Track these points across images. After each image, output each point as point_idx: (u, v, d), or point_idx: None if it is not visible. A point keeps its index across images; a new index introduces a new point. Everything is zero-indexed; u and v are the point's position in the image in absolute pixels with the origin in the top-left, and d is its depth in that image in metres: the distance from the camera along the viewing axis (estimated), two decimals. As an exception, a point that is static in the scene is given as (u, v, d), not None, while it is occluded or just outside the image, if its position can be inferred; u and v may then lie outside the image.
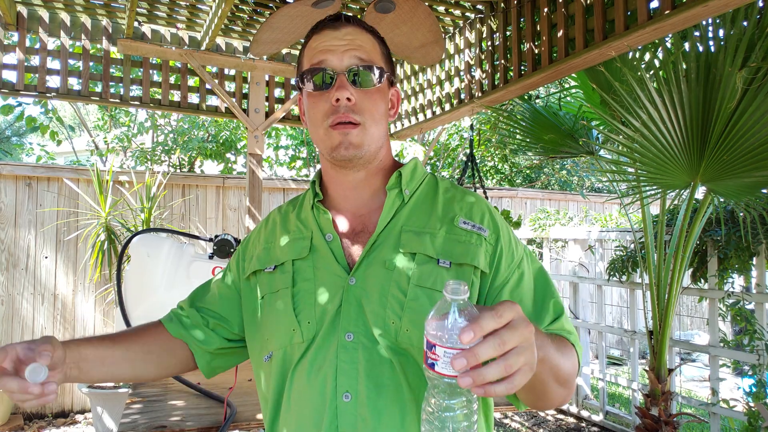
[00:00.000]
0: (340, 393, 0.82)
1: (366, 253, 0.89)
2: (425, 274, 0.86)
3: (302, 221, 0.98)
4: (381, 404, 0.82)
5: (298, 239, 0.96)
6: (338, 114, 0.88)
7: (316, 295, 0.89)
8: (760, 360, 2.91)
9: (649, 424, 2.88)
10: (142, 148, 6.53)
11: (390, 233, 0.90)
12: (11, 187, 4.18)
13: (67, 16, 3.10)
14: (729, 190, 2.44)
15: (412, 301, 0.84)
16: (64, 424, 4.08)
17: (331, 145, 0.90)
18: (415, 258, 0.87)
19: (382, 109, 0.93)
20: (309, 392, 0.84)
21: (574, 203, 6.63)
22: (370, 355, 0.83)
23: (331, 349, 0.84)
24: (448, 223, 0.91)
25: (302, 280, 0.91)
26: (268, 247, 0.99)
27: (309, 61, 0.93)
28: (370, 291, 0.86)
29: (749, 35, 2.13)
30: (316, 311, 0.87)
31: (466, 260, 0.87)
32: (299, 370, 0.86)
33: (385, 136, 0.95)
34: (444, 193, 0.96)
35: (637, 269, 3.73)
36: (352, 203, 0.97)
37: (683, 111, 2.30)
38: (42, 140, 8.96)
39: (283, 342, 0.89)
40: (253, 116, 3.52)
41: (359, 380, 0.83)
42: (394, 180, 0.94)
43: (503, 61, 2.83)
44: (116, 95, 3.26)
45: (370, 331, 0.84)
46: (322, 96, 0.91)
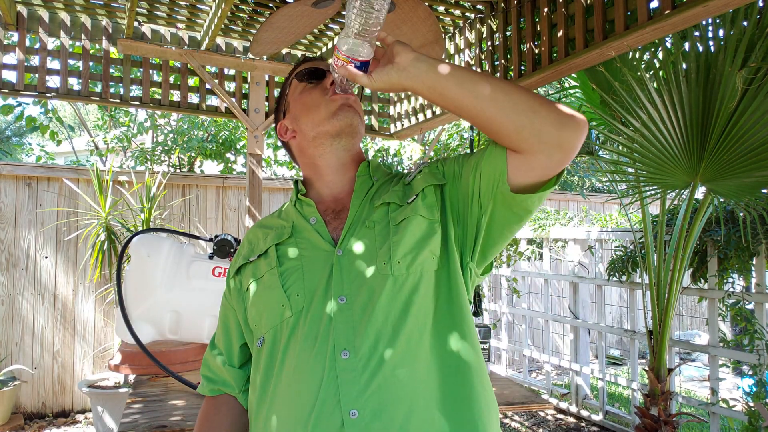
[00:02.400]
0: (337, 352, 0.84)
1: (348, 225, 0.96)
2: (399, 213, 0.94)
3: (282, 218, 1.06)
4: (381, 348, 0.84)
5: (280, 230, 1.02)
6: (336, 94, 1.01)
7: (304, 270, 0.93)
8: (760, 360, 2.91)
9: (649, 423, 2.88)
10: (141, 148, 6.53)
11: (363, 204, 1.00)
12: (11, 187, 4.18)
13: (67, 16, 3.10)
14: (729, 190, 2.44)
15: (396, 234, 0.91)
16: (65, 424, 4.09)
17: (335, 108, 1.02)
18: (389, 206, 0.96)
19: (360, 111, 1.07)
20: (305, 363, 0.86)
21: (574, 203, 6.63)
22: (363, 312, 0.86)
23: (325, 316, 0.87)
24: (401, 184, 1.02)
25: (288, 260, 0.96)
26: (251, 247, 1.05)
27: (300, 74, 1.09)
28: (358, 252, 0.92)
29: (749, 35, 2.13)
30: (306, 284, 0.91)
31: (423, 185, 0.96)
32: (292, 345, 0.89)
33: None
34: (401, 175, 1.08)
35: (636, 269, 3.73)
36: (332, 188, 1.05)
37: (683, 111, 2.30)
38: (42, 140, 8.96)
39: (273, 321, 0.92)
40: (253, 116, 3.52)
41: (355, 336, 0.85)
42: (364, 168, 1.05)
43: (503, 61, 2.83)
44: (116, 95, 3.26)
45: (363, 289, 0.88)
46: (317, 85, 1.05)
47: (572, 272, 4.64)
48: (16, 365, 4.10)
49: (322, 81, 1.05)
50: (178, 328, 2.07)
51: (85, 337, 4.33)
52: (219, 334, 1.09)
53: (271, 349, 0.92)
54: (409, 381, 0.83)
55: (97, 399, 3.63)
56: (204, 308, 1.98)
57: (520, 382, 4.71)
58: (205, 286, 2.03)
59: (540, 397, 3.63)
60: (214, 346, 1.09)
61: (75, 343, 4.30)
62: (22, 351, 4.16)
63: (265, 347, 0.94)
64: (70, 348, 4.29)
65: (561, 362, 4.50)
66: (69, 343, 4.29)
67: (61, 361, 4.26)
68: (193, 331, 2.00)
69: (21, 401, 4.14)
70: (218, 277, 2.03)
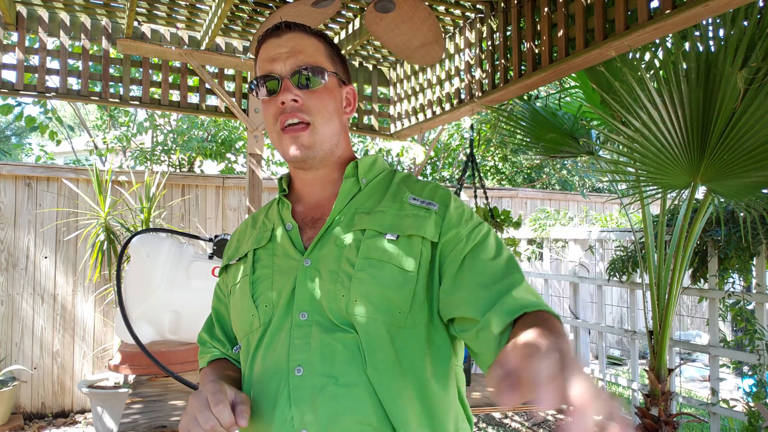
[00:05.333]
0: (292, 368, 0.84)
1: (320, 236, 0.92)
2: (373, 246, 0.88)
3: (268, 217, 1.03)
4: (336, 370, 0.83)
5: (262, 232, 1.00)
6: (285, 114, 0.92)
7: (273, 280, 0.92)
8: (760, 360, 2.90)
9: (649, 424, 2.88)
10: (141, 148, 6.52)
11: (344, 216, 0.94)
12: (11, 187, 4.18)
13: (66, 16, 3.10)
14: (729, 190, 2.43)
15: (359, 271, 0.86)
16: (64, 424, 4.08)
17: (284, 150, 0.95)
18: (365, 233, 0.90)
19: (331, 107, 0.96)
20: (265, 375, 0.87)
21: (575, 203, 6.62)
22: (323, 329, 0.85)
23: (285, 329, 0.87)
24: (398, 202, 0.94)
25: (261, 268, 0.94)
26: (238, 245, 1.05)
27: (259, 70, 0.98)
28: (322, 269, 0.89)
29: (749, 35, 2.12)
30: (273, 295, 0.90)
31: (413, 231, 0.89)
32: (257, 356, 0.90)
33: (340, 133, 0.99)
34: (398, 179, 1.00)
35: (637, 269, 3.73)
36: (314, 197, 1.01)
37: (683, 111, 2.30)
38: (41, 140, 8.95)
39: (245, 330, 0.93)
40: (253, 116, 3.52)
41: (311, 353, 0.84)
42: (351, 169, 0.98)
43: (503, 60, 2.83)
44: (116, 95, 3.26)
45: (322, 308, 0.86)
46: (271, 101, 0.95)
47: (572, 272, 4.64)
48: (16, 365, 4.10)
49: (276, 95, 0.94)
50: (177, 328, 2.07)
51: (85, 337, 4.33)
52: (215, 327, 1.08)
53: (245, 357, 0.94)
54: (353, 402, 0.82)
55: (97, 399, 3.62)
56: (204, 308, 1.97)
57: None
58: (204, 286, 2.03)
59: (540, 397, 3.63)
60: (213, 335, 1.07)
61: (74, 344, 4.30)
62: (22, 351, 4.16)
63: (241, 353, 0.96)
64: (70, 348, 4.29)
65: (561, 362, 4.49)
66: (68, 344, 4.28)
67: (60, 362, 4.25)
68: (193, 331, 2.00)
69: (20, 401, 4.14)
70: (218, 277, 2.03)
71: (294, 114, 0.92)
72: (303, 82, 0.93)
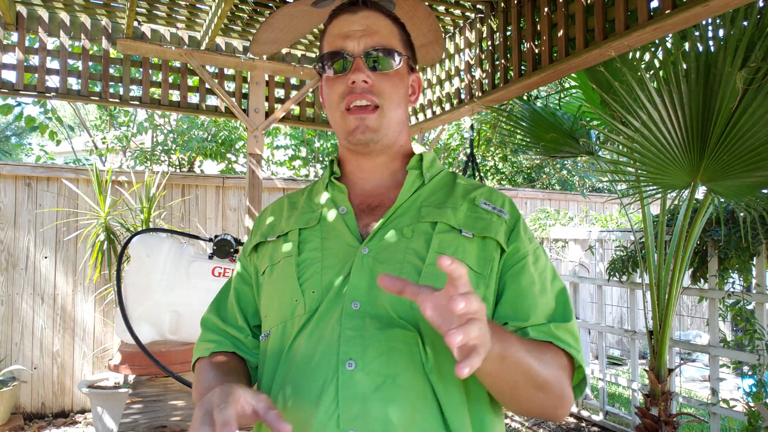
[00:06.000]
0: (342, 362, 0.76)
1: (382, 224, 0.86)
2: (447, 241, 0.83)
3: (311, 199, 0.96)
4: (394, 369, 0.75)
5: (307, 212, 0.93)
6: (354, 94, 0.88)
7: (323, 264, 0.85)
8: (760, 360, 2.91)
9: (649, 424, 2.88)
10: (141, 148, 6.52)
11: (409, 207, 0.89)
12: (11, 187, 4.18)
13: (66, 16, 3.10)
14: (729, 190, 2.43)
15: (431, 266, 0.81)
16: (64, 424, 4.08)
17: (347, 129, 0.89)
18: (436, 227, 0.85)
19: (401, 93, 0.92)
20: (307, 365, 0.78)
21: (575, 203, 6.62)
22: (378, 322, 0.78)
23: (334, 317, 0.79)
24: (469, 201, 0.90)
25: (309, 250, 0.87)
26: (273, 223, 0.96)
27: (327, 46, 0.93)
28: (383, 259, 0.82)
29: (749, 35, 2.12)
30: (323, 280, 0.83)
31: (489, 233, 0.85)
32: (296, 345, 0.81)
33: (404, 121, 0.95)
34: (463, 180, 0.97)
35: (637, 269, 3.73)
36: (369, 183, 0.95)
37: (683, 111, 2.30)
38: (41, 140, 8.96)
39: (284, 315, 0.84)
40: (253, 116, 3.52)
41: (365, 346, 0.76)
42: (416, 162, 0.94)
43: (503, 60, 2.83)
44: (116, 95, 3.26)
45: (381, 300, 0.79)
46: (339, 79, 0.90)
47: (572, 272, 4.64)
48: (16, 365, 4.10)
49: (346, 74, 0.90)
50: (177, 328, 2.07)
51: (85, 337, 4.33)
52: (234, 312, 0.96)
53: (277, 347, 0.84)
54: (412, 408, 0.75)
55: (97, 399, 3.62)
56: (204, 308, 1.98)
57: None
58: (204, 286, 2.03)
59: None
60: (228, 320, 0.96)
61: (74, 344, 4.30)
62: (22, 351, 4.16)
63: (270, 342, 0.86)
64: (70, 348, 4.29)
65: (561, 362, 4.50)
66: (68, 344, 4.28)
67: (60, 362, 4.25)
68: (193, 331, 2.00)
69: (20, 401, 4.14)
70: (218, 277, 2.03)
71: (363, 95, 0.88)
72: (375, 64, 0.89)
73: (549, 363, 0.78)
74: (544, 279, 0.87)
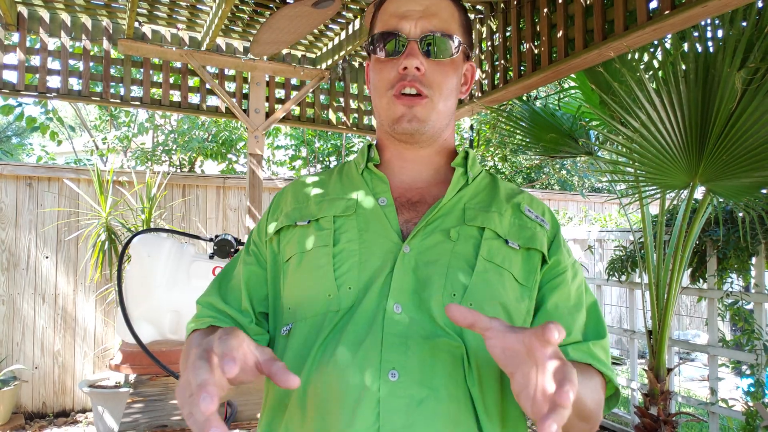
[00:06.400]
0: (385, 371, 0.70)
1: (426, 222, 0.80)
2: (494, 249, 0.79)
3: (345, 184, 0.88)
4: (438, 381, 0.71)
5: (340, 199, 0.85)
6: (404, 81, 0.81)
7: (361, 259, 0.78)
8: (758, 360, 2.91)
9: (648, 423, 2.89)
10: (142, 149, 6.53)
11: (453, 207, 0.83)
12: (12, 188, 4.19)
13: (67, 17, 3.10)
14: (728, 191, 2.44)
15: (481, 273, 0.76)
16: (65, 424, 4.09)
17: (393, 117, 0.83)
18: (483, 233, 0.80)
19: (453, 84, 0.86)
20: (342, 372, 0.71)
21: (574, 203, 6.63)
22: (423, 329, 0.72)
23: (375, 320, 0.73)
24: (514, 207, 0.86)
25: (345, 241, 0.80)
26: (300, 206, 0.87)
27: (381, 25, 0.86)
28: (428, 261, 0.77)
29: (748, 36, 2.13)
30: (361, 277, 0.76)
31: (534, 245, 0.82)
32: (330, 345, 0.73)
33: (452, 114, 0.89)
34: (504, 184, 0.93)
35: (636, 269, 3.73)
36: (410, 175, 0.89)
37: (682, 111, 2.31)
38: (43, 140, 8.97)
39: (315, 310, 0.77)
40: (254, 116, 3.53)
41: (409, 355, 0.71)
42: (461, 159, 0.89)
43: (503, 61, 2.83)
44: (116, 95, 3.27)
45: (425, 304, 0.74)
46: (390, 63, 0.84)
47: (572, 272, 4.64)
48: (17, 365, 4.11)
49: (398, 58, 0.83)
50: (178, 328, 2.07)
51: (86, 337, 4.34)
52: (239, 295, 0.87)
53: (302, 344, 0.76)
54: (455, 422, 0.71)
55: (98, 399, 3.63)
56: (204, 308, 1.98)
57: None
58: (205, 286, 2.03)
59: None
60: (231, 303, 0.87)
61: (75, 343, 4.31)
62: (23, 351, 4.17)
63: (293, 339, 0.78)
64: (71, 348, 4.30)
65: (561, 362, 4.50)
66: (69, 343, 4.29)
67: (61, 361, 4.26)
68: (194, 330, 2.00)
69: (21, 401, 4.15)
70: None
71: (413, 83, 0.81)
72: (431, 50, 0.83)
73: (593, 389, 0.77)
74: (580, 294, 0.85)
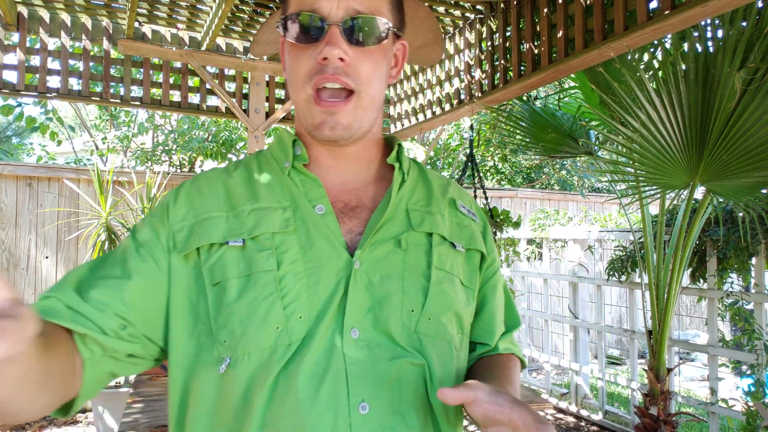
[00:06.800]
0: (354, 404, 0.65)
1: (371, 231, 0.72)
2: (444, 255, 0.75)
3: (274, 188, 0.75)
4: (405, 406, 0.68)
5: (274, 209, 0.72)
6: (324, 75, 0.70)
7: (309, 282, 0.68)
8: (758, 360, 2.91)
9: (648, 423, 2.89)
10: (142, 149, 6.53)
11: (396, 210, 0.76)
12: (12, 188, 4.18)
13: (67, 17, 3.10)
14: (728, 191, 2.44)
15: (436, 285, 0.72)
16: (65, 424, 4.09)
17: (312, 122, 0.72)
18: (432, 238, 0.75)
19: (383, 72, 0.75)
20: (307, 413, 0.64)
21: (574, 203, 6.63)
22: (385, 352, 0.68)
23: (334, 351, 0.66)
24: (450, 205, 0.82)
25: (289, 262, 0.69)
26: (224, 216, 0.72)
27: (296, 2, 0.73)
28: (382, 276, 0.70)
29: (748, 36, 2.13)
30: (312, 303, 0.67)
31: (475, 245, 0.80)
32: (284, 383, 0.65)
33: (381, 105, 0.78)
34: (430, 173, 0.86)
35: (636, 269, 3.74)
36: (342, 176, 0.78)
37: (682, 111, 2.31)
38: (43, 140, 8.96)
39: (260, 344, 0.66)
40: (254, 116, 3.53)
41: (376, 385, 0.66)
42: (395, 155, 0.80)
43: (503, 61, 2.83)
44: (116, 95, 3.27)
45: (384, 325, 0.69)
46: (307, 50, 0.71)
47: (572, 272, 4.65)
48: (17, 365, 4.11)
49: (316, 45, 0.71)
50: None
51: (86, 337, 4.34)
52: (100, 291, 0.68)
53: (248, 383, 0.66)
54: None
55: (98, 399, 3.63)
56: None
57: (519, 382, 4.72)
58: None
59: (539, 396, 3.64)
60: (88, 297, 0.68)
61: (75, 343, 4.31)
62: (23, 351, 4.17)
63: (239, 374, 0.66)
64: (71, 348, 4.30)
65: (560, 362, 4.51)
66: (69, 343, 4.29)
67: (61, 361, 4.26)
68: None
69: (21, 401, 4.15)
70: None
71: (336, 77, 0.70)
72: (357, 35, 0.71)
73: (518, 372, 0.84)
74: (504, 286, 0.88)
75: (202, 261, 0.70)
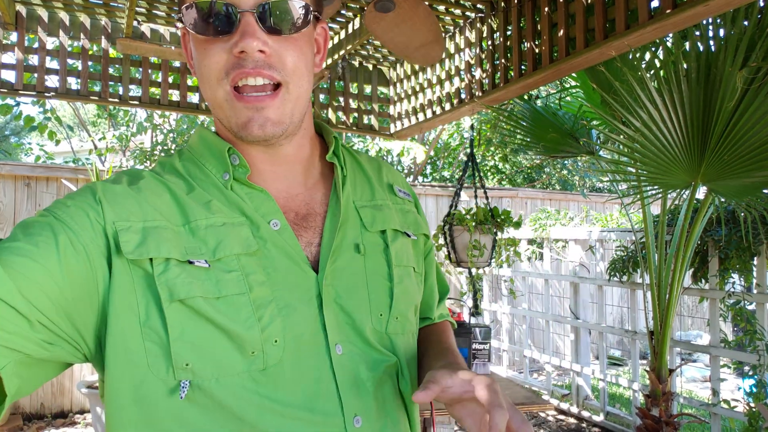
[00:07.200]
0: (349, 419, 0.65)
1: (329, 240, 0.70)
2: (399, 249, 0.76)
3: (219, 200, 0.68)
4: (388, 406, 0.71)
5: (233, 225, 0.66)
6: (243, 69, 0.62)
7: (279, 305, 0.65)
8: (760, 360, 2.90)
9: (650, 424, 2.87)
10: (141, 148, 6.52)
11: (347, 212, 0.73)
12: (10, 187, 4.17)
13: (66, 16, 3.09)
14: (730, 190, 2.43)
15: (398, 284, 0.74)
16: (64, 425, 4.08)
17: (237, 122, 0.65)
18: (385, 235, 0.75)
19: (309, 60, 0.69)
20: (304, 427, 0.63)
21: (575, 203, 6.62)
22: (366, 361, 0.69)
23: (322, 370, 0.65)
24: (389, 191, 0.81)
25: (257, 285, 0.64)
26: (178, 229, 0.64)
27: None
28: (347, 287, 0.70)
29: (750, 35, 2.12)
30: (287, 326, 0.64)
31: (421, 230, 0.83)
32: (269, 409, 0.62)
33: (309, 95, 0.72)
34: (361, 157, 0.83)
35: (637, 269, 3.72)
36: (284, 182, 0.72)
37: (684, 111, 2.30)
38: (41, 140, 8.96)
39: (230, 369, 0.61)
40: (253, 116, 3.52)
41: (365, 397, 0.67)
42: (335, 148, 0.75)
43: (504, 60, 2.82)
44: (115, 95, 3.25)
45: (361, 335, 0.69)
46: (217, 44, 0.63)
47: (573, 272, 4.63)
48: (15, 366, 4.10)
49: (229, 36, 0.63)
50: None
51: (85, 337, 4.33)
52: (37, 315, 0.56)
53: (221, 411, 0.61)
54: None
55: (96, 400, 3.62)
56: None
57: (520, 383, 4.71)
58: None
59: (541, 397, 3.63)
60: None
61: (74, 344, 4.30)
62: (21, 351, 4.16)
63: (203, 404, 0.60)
64: (70, 348, 4.29)
65: (562, 363, 4.50)
66: (68, 344, 4.28)
67: (60, 362, 4.25)
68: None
69: (19, 402, 4.14)
70: None
71: (259, 71, 0.63)
72: (273, 22, 0.63)
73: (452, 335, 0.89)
74: (434, 258, 0.93)
75: (155, 272, 0.61)
